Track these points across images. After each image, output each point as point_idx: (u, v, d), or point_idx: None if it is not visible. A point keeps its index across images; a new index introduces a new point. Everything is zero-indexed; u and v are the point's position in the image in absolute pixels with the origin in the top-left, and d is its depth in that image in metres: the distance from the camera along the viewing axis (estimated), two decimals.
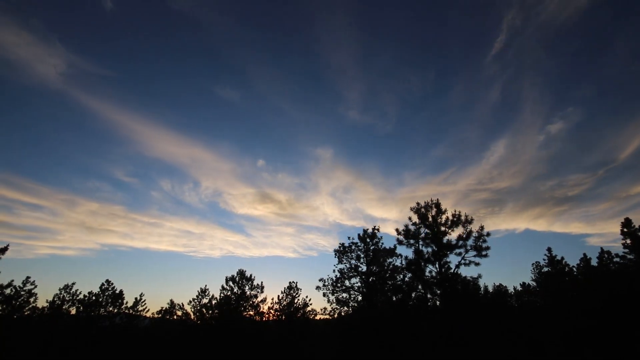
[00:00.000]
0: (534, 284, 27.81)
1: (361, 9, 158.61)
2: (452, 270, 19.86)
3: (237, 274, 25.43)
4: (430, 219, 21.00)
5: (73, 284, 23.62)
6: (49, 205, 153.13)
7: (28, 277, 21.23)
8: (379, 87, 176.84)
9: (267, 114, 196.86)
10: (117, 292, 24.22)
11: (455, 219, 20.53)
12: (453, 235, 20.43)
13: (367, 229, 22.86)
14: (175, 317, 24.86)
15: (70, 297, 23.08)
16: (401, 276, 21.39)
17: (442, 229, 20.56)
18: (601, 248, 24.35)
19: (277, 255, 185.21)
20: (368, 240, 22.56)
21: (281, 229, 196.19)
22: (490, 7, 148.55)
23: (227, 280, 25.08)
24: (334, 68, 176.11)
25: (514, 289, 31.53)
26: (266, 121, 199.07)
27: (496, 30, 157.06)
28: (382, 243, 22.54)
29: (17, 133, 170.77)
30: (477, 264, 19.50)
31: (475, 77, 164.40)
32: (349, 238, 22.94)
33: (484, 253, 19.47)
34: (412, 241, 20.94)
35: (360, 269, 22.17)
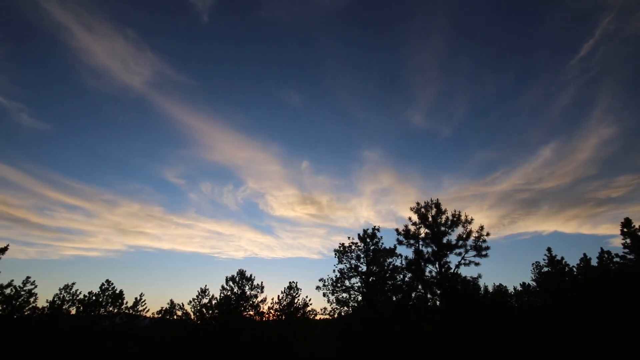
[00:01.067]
0: (534, 284, 27.82)
1: (451, 11, 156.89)
2: (452, 270, 19.88)
3: (237, 274, 25.43)
4: (430, 219, 21.01)
5: (73, 284, 23.64)
6: (89, 206, 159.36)
7: (28, 277, 21.25)
8: (452, 91, 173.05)
9: (326, 115, 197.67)
10: (117, 292, 24.24)
11: (455, 219, 20.55)
12: (453, 235, 20.47)
13: (367, 229, 22.88)
14: (175, 317, 24.86)
15: (71, 297, 23.09)
16: (401, 276, 21.41)
17: (442, 229, 20.57)
18: (601, 248, 24.37)
19: (300, 257, 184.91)
20: (368, 240, 22.57)
21: (313, 230, 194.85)
22: (588, 9, 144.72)
23: (227, 280, 25.09)
24: (411, 70, 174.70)
25: (514, 289, 31.56)
26: (321, 122, 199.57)
27: (587, 35, 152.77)
28: (382, 243, 22.58)
29: (84, 137, 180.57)
30: (477, 264, 19.52)
31: (553, 81, 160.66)
32: (349, 238, 22.96)
33: (483, 253, 19.50)
34: (412, 241, 20.96)
35: (360, 269, 22.18)
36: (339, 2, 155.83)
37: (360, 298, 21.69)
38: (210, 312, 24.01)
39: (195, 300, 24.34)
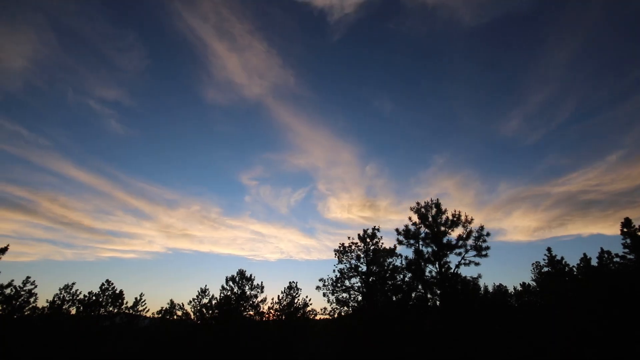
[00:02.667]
0: (534, 284, 27.82)
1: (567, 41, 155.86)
2: (452, 270, 19.88)
3: (237, 274, 25.42)
4: (430, 219, 21.01)
5: (73, 283, 23.64)
6: (148, 208, 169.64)
7: (28, 277, 21.25)
8: (555, 95, 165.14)
9: (410, 119, 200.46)
10: (117, 292, 24.24)
11: (455, 219, 20.55)
12: (453, 235, 20.47)
13: (367, 229, 22.86)
14: (175, 317, 24.86)
15: (71, 297, 23.09)
16: (401, 276, 21.40)
17: (442, 229, 20.57)
18: (601, 248, 24.33)
19: (331, 259, 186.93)
20: (368, 240, 22.56)
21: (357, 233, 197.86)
22: None
23: (227, 280, 25.08)
24: (516, 84, 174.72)
25: (514, 288, 31.55)
26: (402, 127, 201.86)
27: None
28: (382, 243, 22.57)
29: (167, 142, 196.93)
30: (477, 264, 19.53)
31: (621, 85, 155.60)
32: (349, 238, 22.94)
33: (484, 253, 19.50)
34: (412, 241, 20.96)
35: (360, 269, 22.17)
36: (467, 22, 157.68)
37: (360, 298, 21.69)
38: (210, 312, 24.01)
39: (195, 300, 24.34)
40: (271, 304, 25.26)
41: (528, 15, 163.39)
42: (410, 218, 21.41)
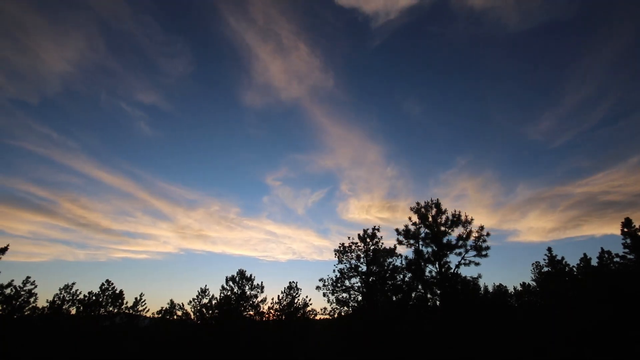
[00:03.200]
0: (534, 284, 27.82)
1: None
2: (452, 270, 19.88)
3: (237, 274, 25.42)
4: (430, 219, 21.01)
5: (73, 284, 23.65)
6: (167, 209, 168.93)
7: (28, 277, 21.25)
8: (590, 97, 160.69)
9: (438, 121, 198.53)
10: (117, 292, 24.24)
11: (455, 219, 20.55)
12: (453, 235, 20.47)
13: (367, 229, 22.85)
14: (175, 317, 24.86)
15: (71, 297, 23.09)
16: (401, 276, 21.40)
17: (442, 229, 20.58)
18: (601, 248, 24.34)
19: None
20: (368, 240, 22.55)
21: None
22: None
23: (227, 280, 25.07)
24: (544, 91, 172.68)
25: (514, 288, 31.55)
26: (429, 129, 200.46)
27: None
28: (382, 243, 22.56)
29: (193, 146, 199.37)
30: (477, 264, 19.53)
31: None
32: (349, 238, 22.93)
33: (483, 253, 19.50)
34: (412, 241, 20.97)
35: (360, 268, 22.16)
36: (513, 30, 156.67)
37: (360, 298, 21.69)
38: (210, 312, 24.01)
39: (195, 300, 24.34)
40: (271, 304, 25.27)
41: (571, 22, 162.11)
42: (410, 218, 21.43)
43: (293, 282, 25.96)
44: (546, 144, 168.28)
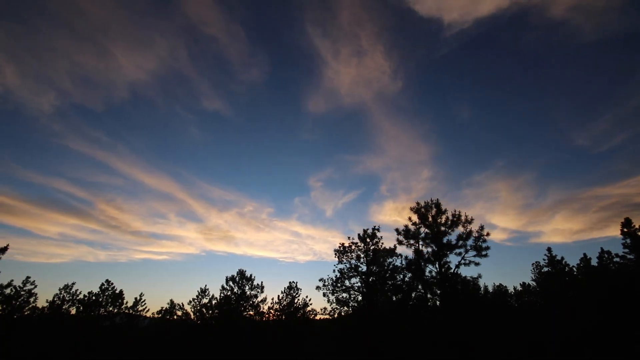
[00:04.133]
0: (534, 284, 27.82)
1: None
2: (452, 270, 19.87)
3: (237, 274, 25.41)
4: (430, 219, 21.00)
5: (73, 284, 23.64)
6: (201, 209, 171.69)
7: (28, 277, 21.25)
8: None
9: (483, 121, 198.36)
10: (117, 292, 24.23)
11: (455, 219, 20.53)
12: (453, 235, 20.45)
13: (367, 229, 22.85)
14: (175, 317, 24.86)
15: (70, 297, 23.08)
16: (401, 276, 21.38)
17: (442, 229, 20.56)
18: (601, 248, 24.35)
19: None
20: (368, 240, 22.54)
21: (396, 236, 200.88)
22: None
23: (227, 280, 25.07)
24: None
25: (514, 288, 31.56)
26: (474, 132, 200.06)
27: None
28: (382, 243, 22.55)
29: (238, 150, 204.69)
30: (477, 264, 19.51)
31: None
32: (349, 238, 22.92)
33: (483, 253, 19.48)
34: (412, 241, 20.95)
35: (360, 269, 22.15)
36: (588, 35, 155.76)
37: (360, 298, 21.67)
38: (210, 312, 24.01)
39: (195, 300, 24.33)
40: (271, 304, 25.28)
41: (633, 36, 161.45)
42: (410, 218, 21.41)
43: (293, 282, 25.99)
44: (591, 149, 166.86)
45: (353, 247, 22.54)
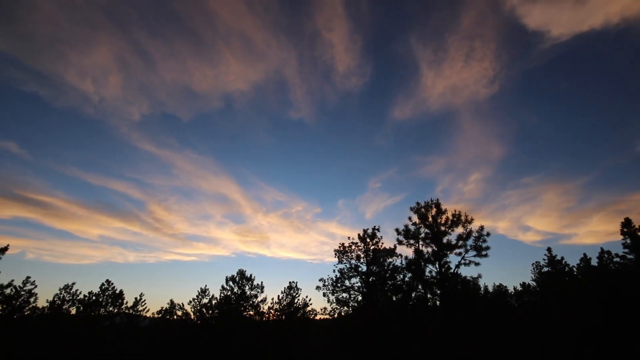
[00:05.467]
0: (534, 284, 27.81)
1: None
2: (452, 270, 19.87)
3: (237, 274, 25.41)
4: (430, 219, 21.00)
5: (73, 283, 23.62)
6: (249, 209, 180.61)
7: (28, 277, 21.23)
8: None
9: (556, 126, 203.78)
10: (117, 292, 24.22)
11: (455, 219, 20.53)
12: (453, 235, 20.45)
13: (367, 229, 22.85)
14: (175, 317, 24.85)
15: (70, 297, 23.07)
16: (401, 276, 21.39)
17: (442, 229, 20.56)
18: (601, 248, 24.34)
19: None
20: (368, 240, 22.54)
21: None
22: None
23: (227, 280, 25.06)
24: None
25: (514, 288, 31.55)
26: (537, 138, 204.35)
27: None
28: (382, 243, 22.55)
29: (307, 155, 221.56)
30: (477, 264, 19.51)
31: None
32: (349, 238, 22.92)
33: (483, 253, 19.49)
34: (412, 241, 20.95)
35: (360, 269, 22.15)
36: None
37: (360, 298, 21.67)
38: (210, 312, 24.00)
39: (195, 300, 24.33)
40: (271, 304, 25.27)
41: None
42: (410, 218, 21.41)
43: (293, 282, 25.98)
44: None
45: (353, 247, 22.55)
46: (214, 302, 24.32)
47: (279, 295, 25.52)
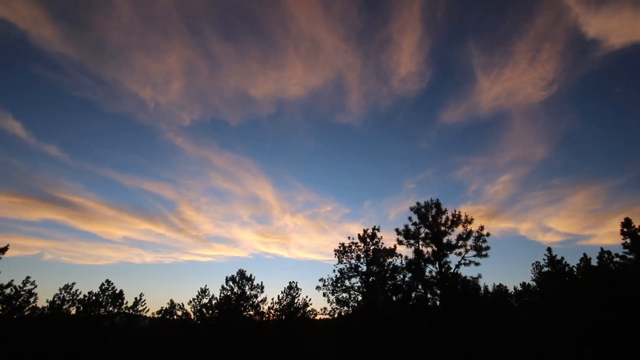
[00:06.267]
0: (534, 283, 27.82)
1: None
2: (452, 270, 19.86)
3: (237, 274, 25.41)
4: (430, 219, 20.99)
5: (73, 283, 23.63)
6: (276, 210, 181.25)
7: (28, 277, 21.24)
8: None
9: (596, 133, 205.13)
10: (117, 292, 24.22)
11: (455, 219, 20.52)
12: (453, 235, 20.43)
13: (367, 229, 22.84)
14: (175, 317, 24.86)
15: (70, 297, 23.08)
16: (401, 276, 21.37)
17: (442, 229, 20.54)
18: (601, 248, 24.36)
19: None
20: (368, 240, 22.54)
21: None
22: None
23: (227, 280, 25.07)
24: None
25: (514, 288, 31.56)
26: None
27: None
28: (382, 243, 22.54)
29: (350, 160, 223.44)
30: (477, 264, 19.50)
31: None
32: (349, 238, 22.90)
33: (483, 253, 19.47)
34: (412, 241, 20.93)
35: (360, 268, 22.15)
36: None
37: (360, 298, 21.67)
38: (210, 312, 24.00)
39: (195, 300, 24.33)
40: (271, 304, 25.28)
41: None
42: (410, 218, 21.39)
43: (293, 282, 25.98)
44: None
45: (353, 247, 22.54)
46: (214, 302, 24.32)
47: (279, 295, 25.55)
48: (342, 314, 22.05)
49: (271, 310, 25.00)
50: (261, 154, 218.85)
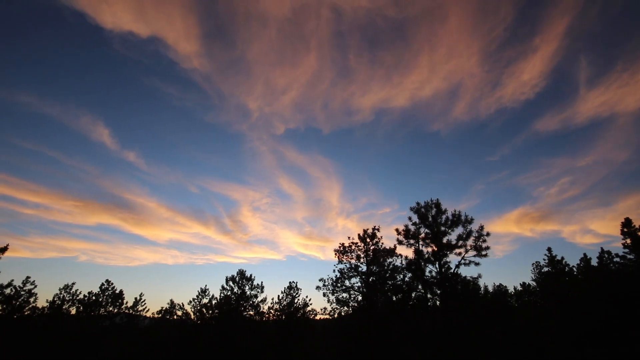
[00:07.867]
0: (534, 283, 27.81)
1: None
2: (452, 270, 19.85)
3: (237, 274, 25.41)
4: (430, 219, 20.98)
5: (73, 284, 23.63)
6: (331, 216, 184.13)
7: (28, 277, 21.24)
8: None
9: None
10: (117, 292, 24.22)
11: (455, 219, 20.50)
12: (453, 235, 20.42)
13: (367, 229, 22.84)
14: (175, 317, 24.86)
15: (71, 297, 23.08)
16: (401, 276, 21.37)
17: (442, 228, 20.53)
18: (601, 248, 24.38)
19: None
20: (368, 240, 22.53)
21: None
22: None
23: (227, 280, 25.07)
24: None
25: (514, 288, 31.56)
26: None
27: None
28: (382, 243, 22.54)
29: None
30: (477, 264, 19.48)
31: None
32: (349, 238, 22.91)
33: (483, 253, 19.46)
34: (412, 241, 20.91)
35: (360, 268, 22.15)
36: None
37: (360, 298, 21.66)
38: (210, 312, 24.00)
39: (195, 300, 24.33)
40: (271, 304, 25.28)
41: None
42: (410, 218, 21.37)
43: (293, 282, 25.98)
44: None
45: (353, 247, 22.53)
46: (214, 302, 24.32)
47: (279, 295, 25.55)
48: (342, 314, 22.05)
49: (271, 311, 25.01)
50: (339, 157, 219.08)
